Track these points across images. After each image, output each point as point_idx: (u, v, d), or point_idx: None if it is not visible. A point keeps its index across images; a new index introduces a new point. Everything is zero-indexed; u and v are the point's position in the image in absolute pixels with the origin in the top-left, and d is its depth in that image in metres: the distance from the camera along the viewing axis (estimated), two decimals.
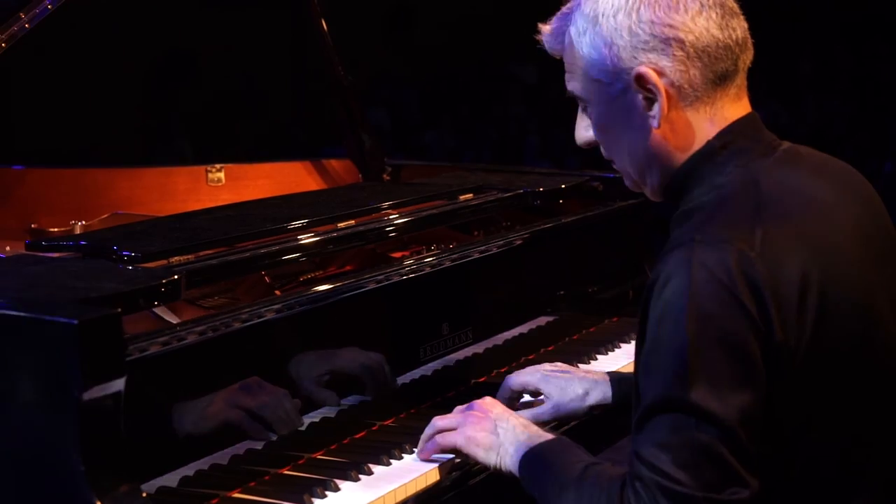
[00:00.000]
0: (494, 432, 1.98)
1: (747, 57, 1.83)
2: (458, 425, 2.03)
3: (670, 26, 1.75)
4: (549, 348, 2.78)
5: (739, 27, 1.80)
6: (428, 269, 2.43)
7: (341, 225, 2.41)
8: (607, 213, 2.97)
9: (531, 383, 2.29)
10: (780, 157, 1.82)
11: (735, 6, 1.82)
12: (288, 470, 2.06)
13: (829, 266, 1.70)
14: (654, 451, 1.63)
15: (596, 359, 2.72)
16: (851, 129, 9.04)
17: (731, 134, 1.80)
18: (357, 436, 2.21)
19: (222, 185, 3.27)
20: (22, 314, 1.72)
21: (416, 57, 9.97)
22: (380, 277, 2.31)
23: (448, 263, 2.48)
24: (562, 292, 2.89)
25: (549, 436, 1.95)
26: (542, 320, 2.80)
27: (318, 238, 2.33)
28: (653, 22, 1.76)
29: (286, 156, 3.57)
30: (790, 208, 1.73)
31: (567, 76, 1.89)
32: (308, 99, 8.91)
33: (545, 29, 1.95)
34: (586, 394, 2.26)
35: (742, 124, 1.81)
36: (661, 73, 1.76)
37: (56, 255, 2.15)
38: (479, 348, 2.58)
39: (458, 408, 2.08)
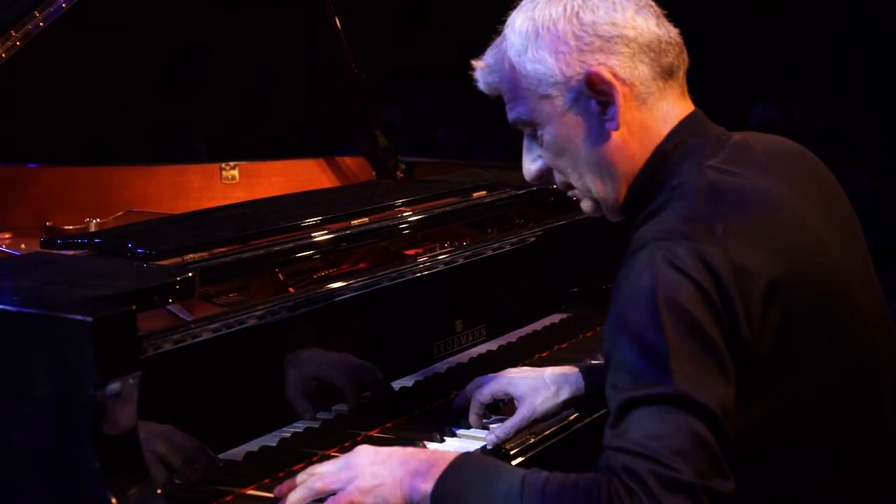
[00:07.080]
0: (390, 476, 1.75)
1: (685, 58, 1.84)
2: (344, 485, 1.78)
3: (613, 24, 1.77)
4: (563, 345, 2.78)
5: (673, 30, 1.83)
6: (441, 267, 2.43)
7: (355, 222, 2.41)
8: None
9: (500, 390, 2.23)
10: (733, 151, 1.81)
11: (661, 13, 1.83)
12: (302, 467, 2.05)
13: (798, 259, 1.69)
14: (645, 442, 1.57)
15: None
16: (865, 127, 9.02)
17: (680, 133, 1.80)
18: (370, 433, 2.21)
19: (236, 182, 3.28)
20: (37, 312, 1.72)
21: (428, 54, 9.97)
22: (393, 275, 2.31)
23: (461, 260, 2.48)
24: (575, 289, 2.89)
25: (449, 453, 1.77)
26: (556, 317, 2.80)
27: (331, 235, 2.33)
28: (595, 23, 1.77)
29: (300, 153, 3.57)
30: (748, 204, 1.72)
31: (509, 106, 1.87)
32: (321, 96, 8.91)
33: (479, 65, 1.92)
34: (558, 390, 2.20)
35: (689, 122, 1.82)
36: (612, 72, 1.76)
37: (71, 252, 2.15)
38: (492, 345, 2.58)
39: (327, 466, 1.85)
